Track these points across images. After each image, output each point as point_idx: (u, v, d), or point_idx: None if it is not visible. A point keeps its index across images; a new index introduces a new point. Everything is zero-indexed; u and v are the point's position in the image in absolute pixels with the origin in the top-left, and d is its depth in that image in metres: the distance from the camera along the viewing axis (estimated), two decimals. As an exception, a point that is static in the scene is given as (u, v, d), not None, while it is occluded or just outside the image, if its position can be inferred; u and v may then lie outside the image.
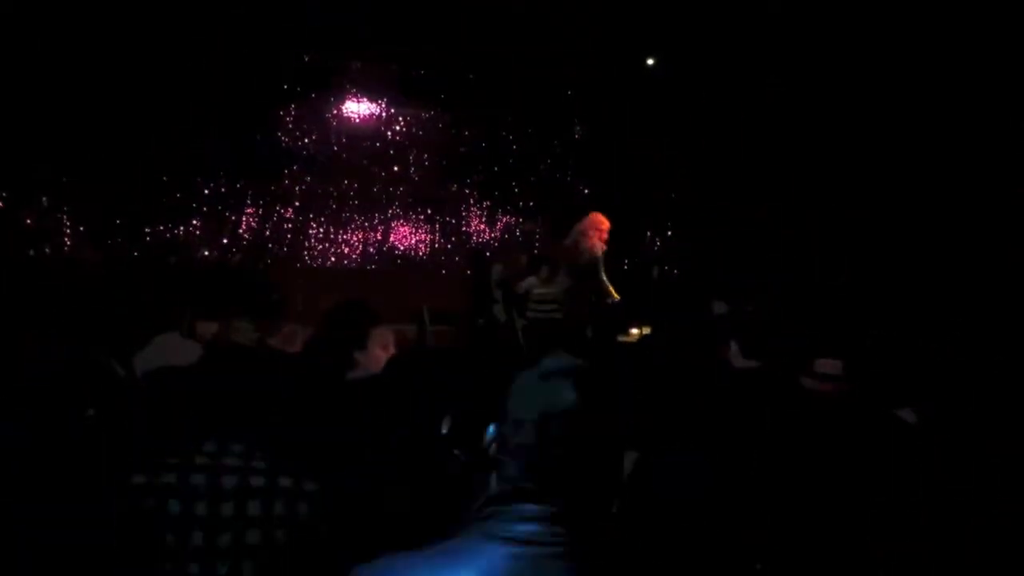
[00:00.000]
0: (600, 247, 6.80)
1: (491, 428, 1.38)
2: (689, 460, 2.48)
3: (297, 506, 1.81)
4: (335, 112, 10.10)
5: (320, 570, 1.78)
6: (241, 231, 9.67)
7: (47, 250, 8.66)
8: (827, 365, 3.50)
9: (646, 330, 7.28)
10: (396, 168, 10.34)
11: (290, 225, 9.95)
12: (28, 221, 8.60)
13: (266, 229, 9.80)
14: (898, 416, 2.66)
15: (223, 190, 9.53)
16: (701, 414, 3.11)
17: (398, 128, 10.35)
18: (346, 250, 10.19)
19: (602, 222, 6.99)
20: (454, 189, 10.59)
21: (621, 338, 5.79)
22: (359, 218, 10.26)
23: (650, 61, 9.73)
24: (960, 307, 6.27)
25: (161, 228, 9.23)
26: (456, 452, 2.06)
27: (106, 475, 1.83)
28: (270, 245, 9.78)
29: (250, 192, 9.69)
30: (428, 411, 2.12)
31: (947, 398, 2.79)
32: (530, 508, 1.17)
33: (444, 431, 2.01)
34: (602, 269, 6.68)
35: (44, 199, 8.65)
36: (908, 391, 3.01)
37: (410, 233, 10.47)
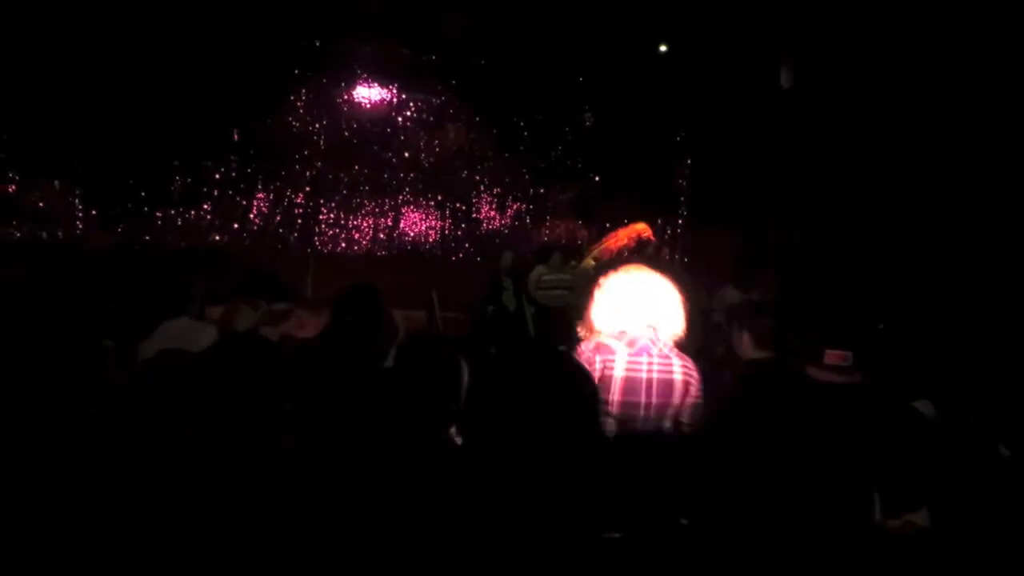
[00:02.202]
0: (615, 249, 6.94)
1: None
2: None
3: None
4: (345, 97, 10.07)
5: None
6: (251, 216, 9.67)
7: (59, 233, 8.69)
8: (836, 356, 3.46)
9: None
10: (407, 154, 10.32)
11: (300, 210, 9.95)
12: (40, 204, 8.63)
13: (276, 214, 9.80)
14: (911, 408, 2.64)
15: (234, 174, 9.53)
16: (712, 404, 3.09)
17: (409, 114, 10.32)
18: (356, 235, 10.18)
19: (640, 232, 7.13)
20: (464, 175, 10.56)
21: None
22: (369, 203, 10.25)
23: (663, 48, 9.66)
24: (972, 297, 6.25)
25: (172, 212, 9.24)
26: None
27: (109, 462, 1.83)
28: (280, 230, 9.78)
29: (260, 177, 9.69)
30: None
31: (959, 390, 2.77)
32: None
33: None
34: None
35: (56, 182, 8.68)
36: (920, 382, 2.98)
37: (420, 219, 10.45)
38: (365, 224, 10.23)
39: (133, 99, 8.35)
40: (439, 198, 10.49)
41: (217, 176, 9.44)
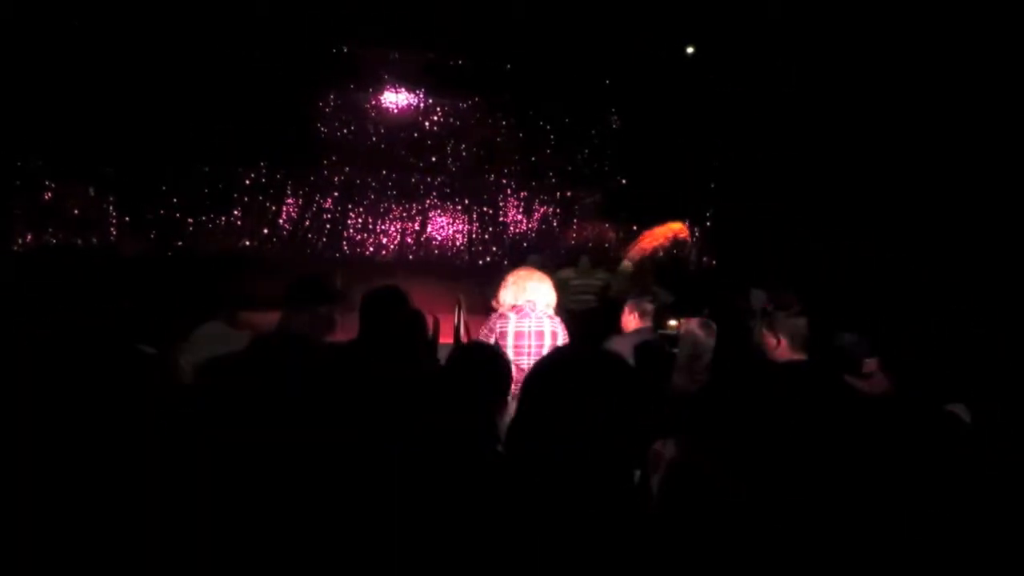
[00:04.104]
0: (649, 249, 7.13)
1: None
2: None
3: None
4: (373, 103, 10.15)
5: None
6: (281, 221, 9.78)
7: (93, 239, 8.84)
8: (872, 364, 3.43)
9: (685, 320, 7.21)
10: (434, 158, 10.37)
11: (329, 215, 10.03)
12: (75, 211, 8.78)
13: (306, 219, 9.90)
14: (944, 412, 2.60)
15: (264, 180, 9.64)
16: (740, 406, 3.07)
17: (436, 118, 10.37)
18: (384, 240, 10.25)
19: (676, 232, 7.31)
20: (491, 179, 10.59)
21: (660, 330, 5.74)
22: (397, 208, 10.32)
23: (689, 50, 9.62)
24: (972, 297, 6.19)
25: (203, 218, 9.37)
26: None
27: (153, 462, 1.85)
28: (309, 235, 9.88)
29: (290, 182, 9.80)
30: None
31: (992, 394, 2.73)
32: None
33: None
34: (650, 270, 7.03)
35: (91, 189, 8.83)
36: (949, 386, 2.94)
37: (448, 223, 10.50)
38: (393, 228, 10.29)
39: (166, 107, 8.47)
40: (466, 202, 10.53)
41: (248, 182, 9.55)
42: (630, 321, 4.78)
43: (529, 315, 3.99)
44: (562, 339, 4.04)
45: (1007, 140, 6.29)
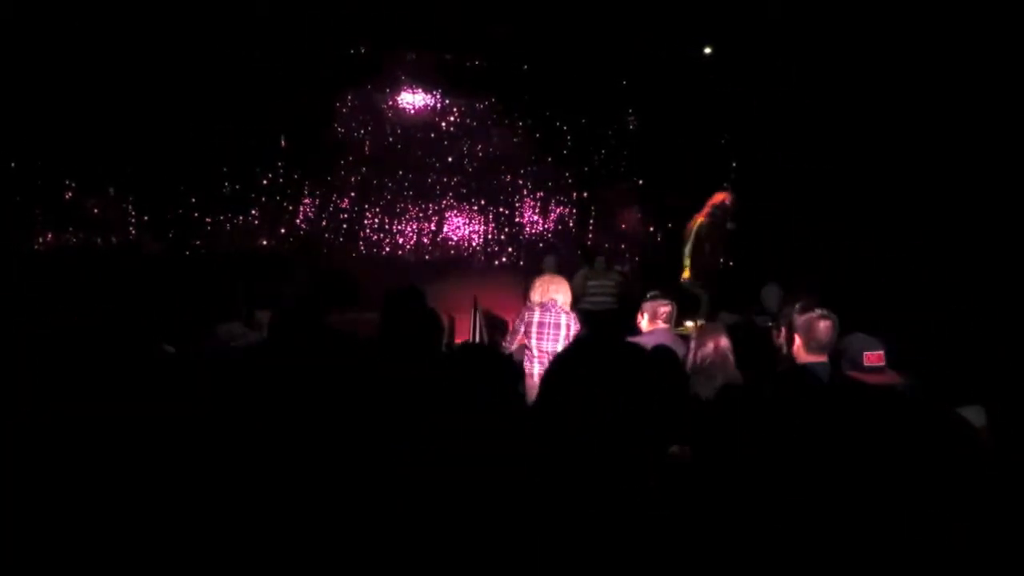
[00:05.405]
0: (695, 226, 8.23)
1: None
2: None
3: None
4: (390, 103, 10.17)
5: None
6: (299, 221, 9.83)
7: (113, 239, 8.92)
8: (873, 357, 3.41)
9: (701, 322, 7.21)
10: (450, 159, 10.38)
11: (346, 215, 10.06)
12: (95, 211, 8.86)
13: (323, 219, 9.94)
14: (956, 414, 2.57)
15: (281, 180, 9.70)
16: (753, 410, 3.05)
17: (452, 119, 10.38)
18: (400, 240, 10.27)
19: (713, 202, 7.72)
20: (507, 180, 10.59)
21: (677, 328, 5.73)
22: (413, 208, 10.34)
23: (707, 50, 9.58)
24: (973, 297, 6.16)
25: (222, 218, 9.43)
26: None
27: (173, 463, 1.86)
28: (326, 235, 9.92)
29: (307, 183, 9.84)
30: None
31: (993, 394, 2.70)
32: None
33: None
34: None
35: (110, 190, 8.91)
36: (962, 385, 2.91)
37: (464, 223, 10.51)
38: (409, 229, 10.32)
39: (184, 108, 8.53)
40: (482, 202, 10.54)
41: (265, 182, 9.60)
42: (642, 322, 4.81)
43: (550, 310, 5.08)
44: (574, 329, 5.11)
45: (1008, 140, 6.25)
